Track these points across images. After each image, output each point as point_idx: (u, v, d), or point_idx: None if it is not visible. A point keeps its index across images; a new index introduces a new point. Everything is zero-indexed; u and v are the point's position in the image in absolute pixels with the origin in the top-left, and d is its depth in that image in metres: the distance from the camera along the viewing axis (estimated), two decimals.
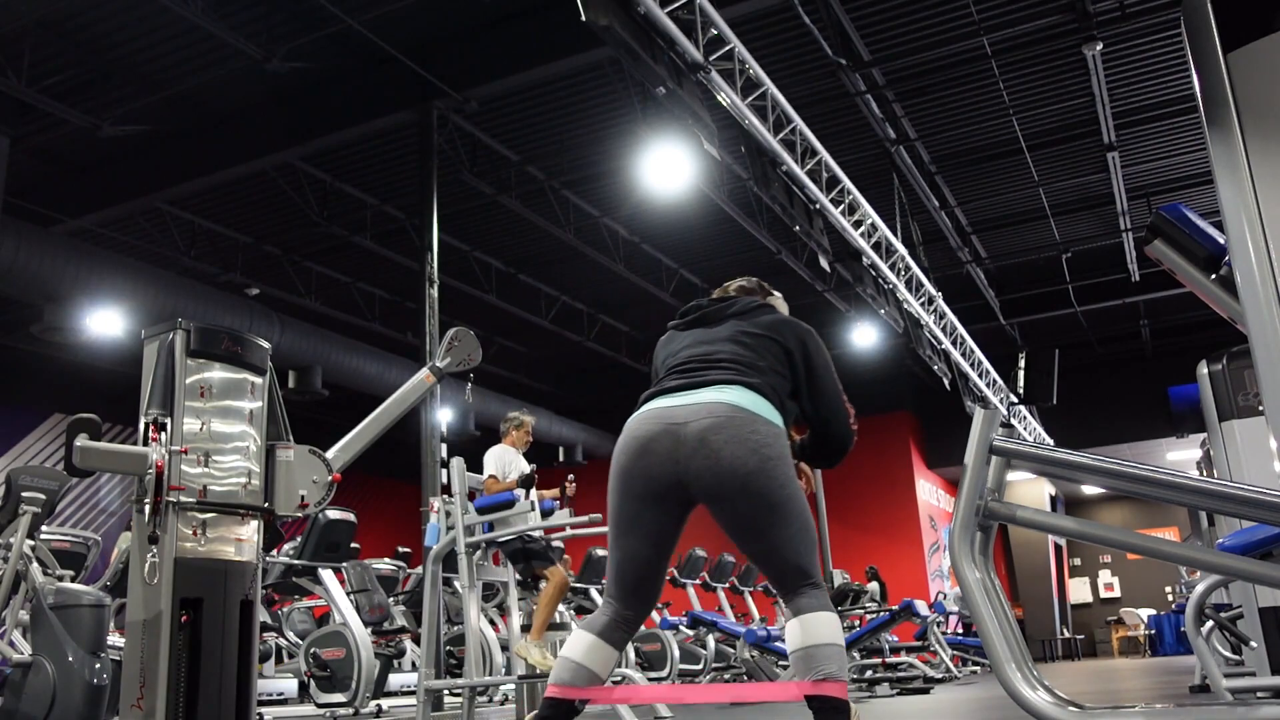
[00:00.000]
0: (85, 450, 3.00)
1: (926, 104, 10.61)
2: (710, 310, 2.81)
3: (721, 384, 2.54)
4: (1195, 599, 4.53)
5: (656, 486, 2.49)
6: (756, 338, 2.68)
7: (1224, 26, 1.65)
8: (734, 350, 2.64)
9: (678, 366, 2.67)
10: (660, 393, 2.62)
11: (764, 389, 2.55)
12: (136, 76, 9.29)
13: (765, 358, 2.63)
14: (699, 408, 2.48)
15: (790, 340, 2.69)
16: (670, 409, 2.53)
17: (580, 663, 2.50)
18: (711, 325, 2.77)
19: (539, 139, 10.90)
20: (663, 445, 2.47)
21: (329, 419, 13.05)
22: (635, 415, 2.61)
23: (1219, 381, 5.24)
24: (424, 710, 4.69)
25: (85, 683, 3.83)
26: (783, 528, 2.45)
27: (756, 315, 2.76)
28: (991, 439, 1.94)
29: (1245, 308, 1.62)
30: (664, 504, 2.51)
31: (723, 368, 2.58)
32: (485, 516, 4.88)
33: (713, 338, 2.70)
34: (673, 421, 2.49)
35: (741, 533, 2.50)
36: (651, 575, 2.58)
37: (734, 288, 2.98)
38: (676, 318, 2.89)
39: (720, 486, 2.43)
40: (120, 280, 10.01)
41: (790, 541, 2.46)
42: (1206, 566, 2.81)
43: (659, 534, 2.54)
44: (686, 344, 2.73)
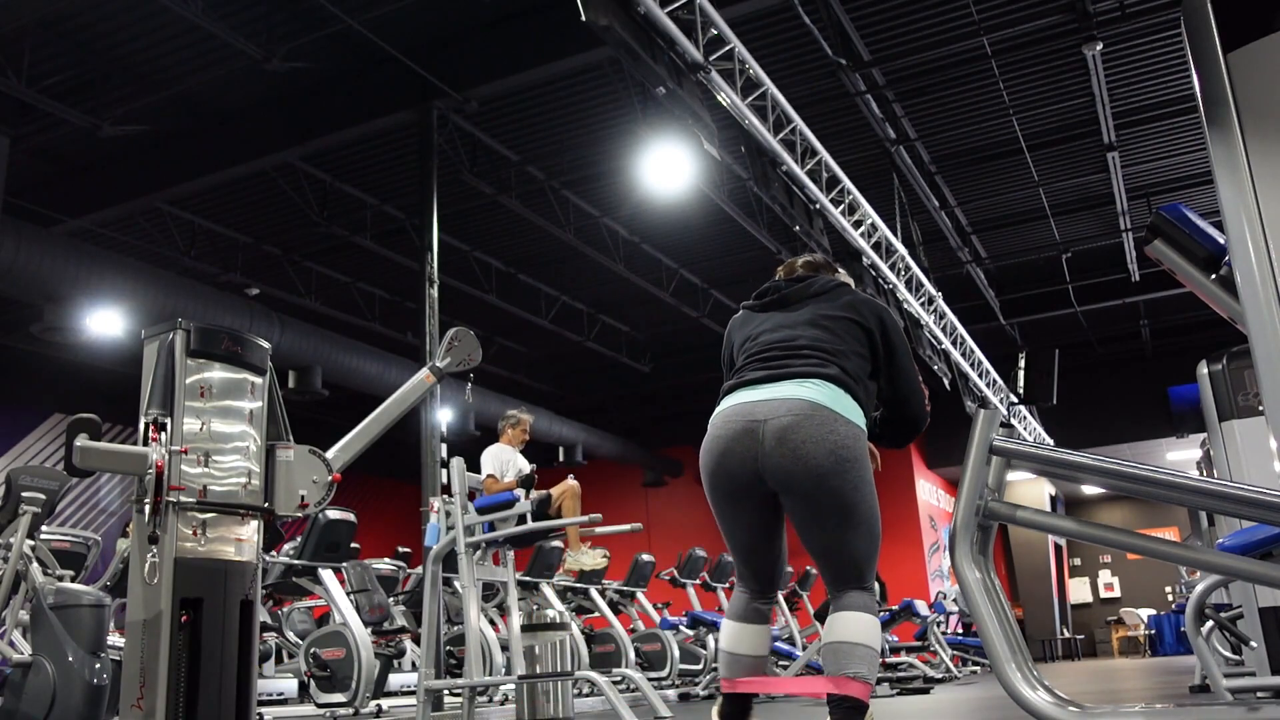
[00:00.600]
0: (85, 450, 2.99)
1: (926, 104, 10.61)
2: (789, 292, 2.78)
3: (803, 376, 2.53)
4: (1195, 599, 4.53)
5: (741, 484, 2.55)
6: (837, 320, 2.66)
7: (1224, 26, 1.65)
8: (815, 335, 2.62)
9: (758, 354, 2.65)
10: (741, 385, 2.62)
11: (846, 380, 2.55)
12: (136, 76, 9.29)
13: (846, 340, 2.62)
14: (779, 404, 2.50)
15: (870, 320, 2.68)
16: (751, 405, 2.55)
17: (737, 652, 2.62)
18: (790, 307, 2.75)
19: (539, 139, 10.89)
20: (743, 444, 2.51)
21: (329, 419, 13.04)
22: (719, 410, 2.64)
23: (1219, 381, 5.24)
24: (424, 710, 4.69)
25: (85, 683, 3.83)
26: (850, 529, 2.53)
27: (835, 296, 2.74)
28: (991, 439, 1.94)
29: (1245, 308, 1.62)
30: (752, 498, 2.57)
31: (804, 356, 2.57)
32: (485, 516, 4.88)
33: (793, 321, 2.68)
34: (753, 419, 2.52)
35: (809, 527, 2.55)
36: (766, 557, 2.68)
37: (801, 264, 2.93)
38: (752, 298, 2.86)
39: (794, 482, 2.47)
40: (120, 280, 10.01)
41: (854, 542, 2.54)
42: (1206, 566, 2.81)
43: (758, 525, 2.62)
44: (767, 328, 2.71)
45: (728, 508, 2.62)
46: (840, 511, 2.50)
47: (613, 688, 4.54)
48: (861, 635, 2.48)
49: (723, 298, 15.52)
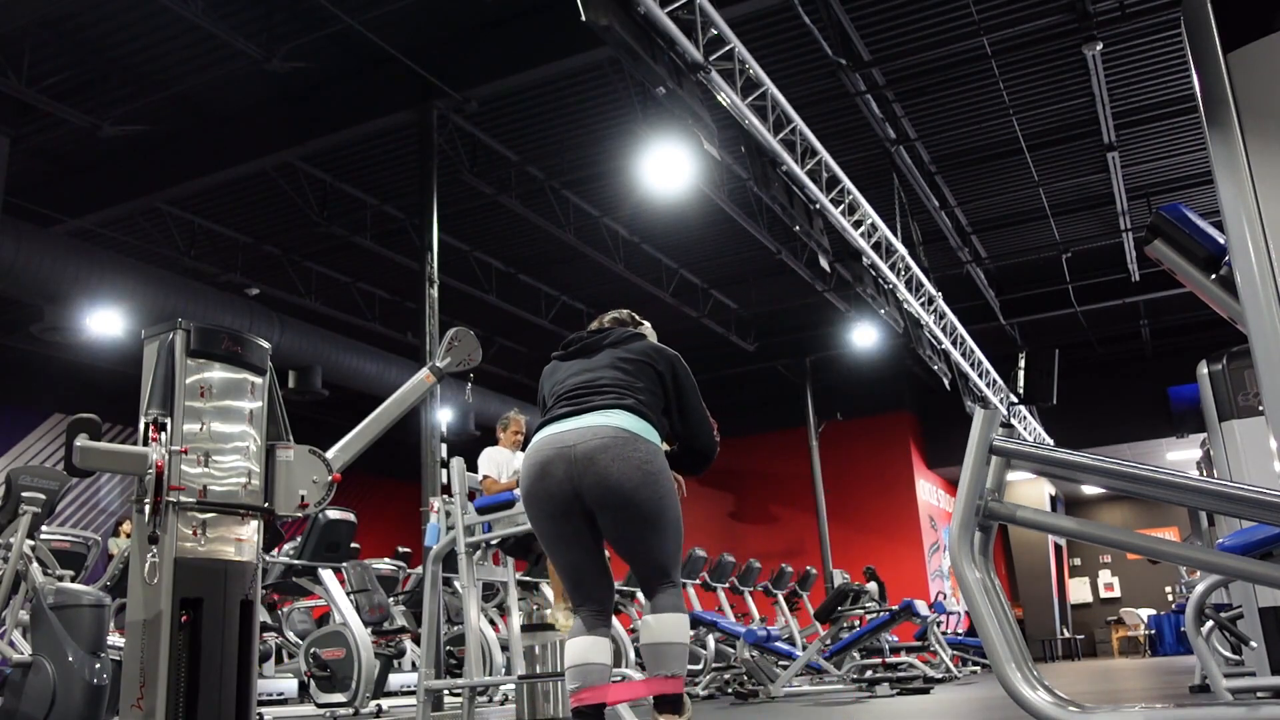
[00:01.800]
0: (85, 450, 3.00)
1: (926, 104, 10.61)
2: (590, 341, 3.18)
3: (605, 408, 2.87)
4: (1195, 599, 4.53)
5: (560, 504, 2.83)
6: (632, 362, 3.02)
7: (1224, 26, 1.65)
8: (613, 375, 2.98)
9: (565, 394, 2.99)
10: (551, 420, 2.94)
11: (642, 410, 2.89)
12: (136, 76, 9.29)
13: (641, 379, 2.98)
14: (586, 430, 2.82)
15: (661, 364, 3.05)
16: (561, 434, 2.86)
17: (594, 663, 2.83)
18: (591, 355, 3.12)
19: (539, 139, 10.89)
20: (558, 468, 2.81)
21: (329, 419, 13.04)
22: (533, 443, 2.94)
23: (1219, 381, 5.24)
24: (424, 710, 4.69)
25: (85, 683, 3.83)
26: (659, 534, 2.82)
27: (630, 343, 3.12)
28: (991, 439, 1.94)
29: (1245, 308, 1.62)
30: (570, 517, 2.84)
31: (605, 392, 2.92)
32: (485, 516, 4.88)
33: (594, 365, 3.05)
34: (564, 445, 2.82)
35: (622, 537, 2.85)
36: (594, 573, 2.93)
37: (609, 319, 3.35)
38: (559, 349, 3.24)
39: (607, 498, 2.77)
40: (120, 280, 10.01)
41: (664, 546, 2.83)
42: (1206, 566, 2.81)
43: (579, 541, 2.88)
44: (571, 373, 3.07)
45: (551, 527, 2.88)
46: (650, 519, 2.79)
47: None
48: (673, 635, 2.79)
49: (723, 298, 15.52)
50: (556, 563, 2.96)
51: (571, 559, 2.91)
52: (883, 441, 19.12)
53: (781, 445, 18.75)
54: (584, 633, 2.88)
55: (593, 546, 2.91)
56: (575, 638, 2.89)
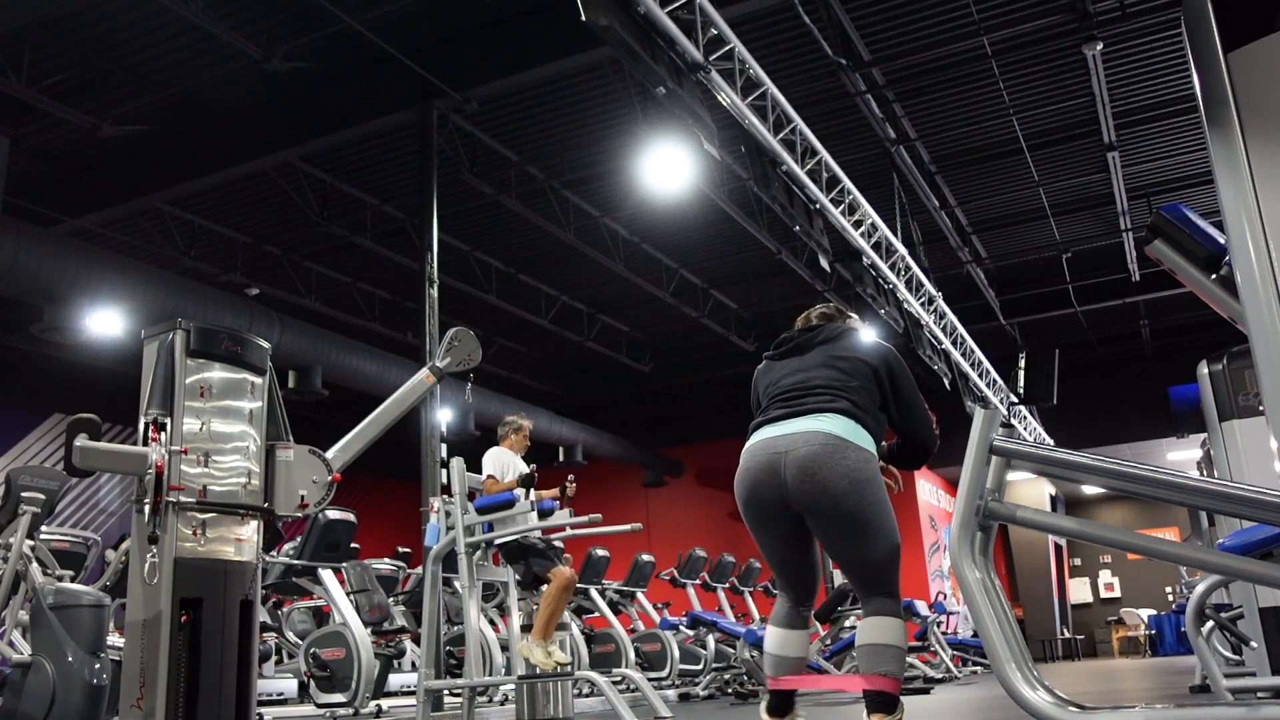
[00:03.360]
0: (85, 450, 2.99)
1: (926, 104, 10.61)
2: (801, 340, 3.18)
3: (818, 411, 2.91)
4: (1195, 599, 4.53)
5: (770, 509, 2.93)
6: (846, 360, 3.03)
7: (1224, 26, 1.65)
8: (828, 375, 3.00)
9: (779, 395, 3.03)
10: (766, 422, 3.00)
11: (856, 412, 2.92)
12: (136, 76, 9.29)
13: (856, 378, 2.99)
14: (798, 436, 2.87)
15: (876, 360, 3.06)
16: (774, 439, 2.92)
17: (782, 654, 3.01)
18: (804, 353, 3.13)
19: (539, 139, 10.89)
20: (769, 474, 2.89)
21: (329, 419, 13.04)
22: (748, 446, 3.01)
23: (1219, 381, 5.24)
24: (424, 710, 4.69)
25: (85, 683, 3.83)
26: (868, 541, 2.86)
27: (844, 339, 3.13)
28: (991, 439, 1.94)
29: (1245, 308, 1.62)
30: (780, 519, 2.95)
31: (818, 394, 2.95)
32: (485, 517, 4.88)
33: (807, 365, 3.07)
34: (776, 451, 2.89)
35: (834, 543, 2.92)
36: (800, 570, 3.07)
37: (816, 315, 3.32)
38: (771, 349, 3.25)
39: (816, 505, 2.83)
40: (120, 280, 10.01)
41: (875, 553, 2.87)
42: (1206, 566, 2.81)
43: (788, 541, 3.01)
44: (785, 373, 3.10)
45: (762, 529, 3.00)
46: (858, 527, 2.83)
47: (613, 688, 4.55)
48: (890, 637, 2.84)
49: (723, 298, 15.52)
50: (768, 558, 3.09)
51: (781, 557, 3.05)
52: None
53: None
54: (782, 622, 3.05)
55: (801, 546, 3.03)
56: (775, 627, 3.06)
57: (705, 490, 20.76)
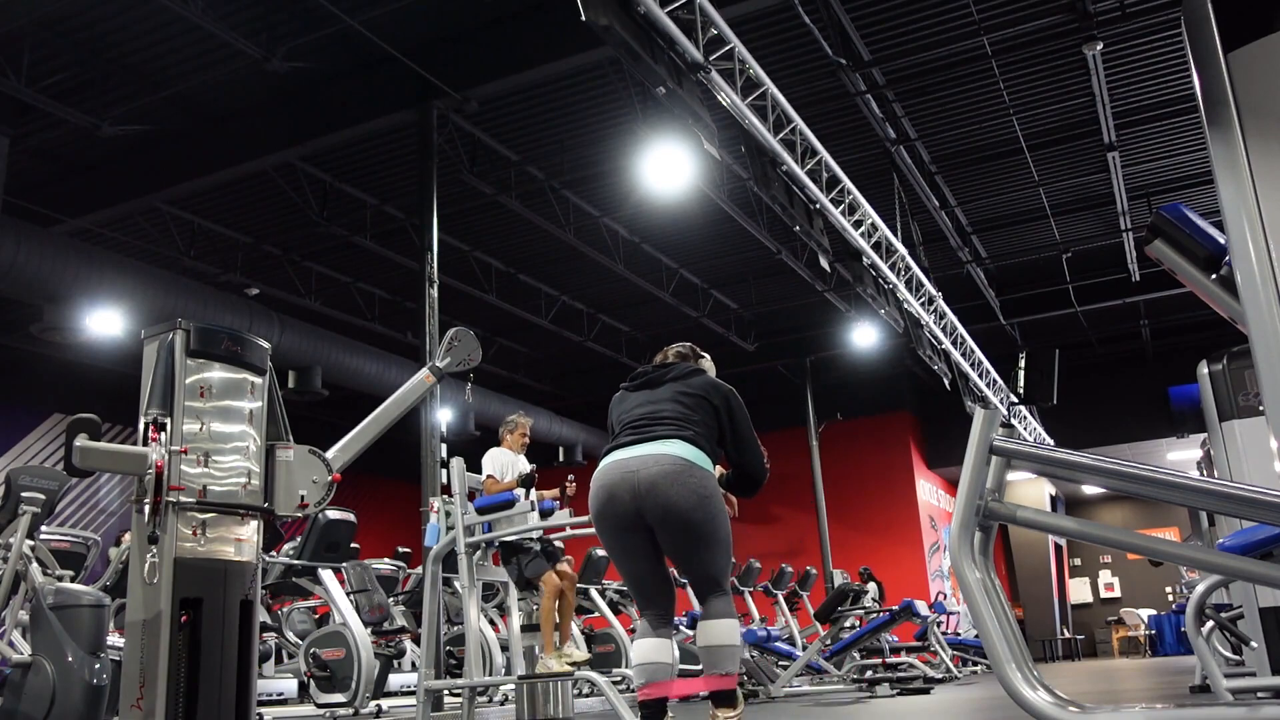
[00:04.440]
0: (85, 450, 2.99)
1: (926, 104, 10.61)
2: (654, 375, 3.52)
3: (665, 438, 3.24)
4: (1195, 599, 4.53)
5: (624, 521, 3.22)
6: (691, 396, 3.37)
7: (1224, 26, 1.65)
8: (674, 408, 3.33)
9: (630, 423, 3.36)
10: (617, 446, 3.31)
11: (698, 440, 3.25)
12: (136, 76, 9.29)
13: (698, 413, 3.34)
14: (648, 458, 3.19)
15: (717, 399, 3.39)
16: (626, 460, 3.23)
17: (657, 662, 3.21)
18: (655, 388, 3.46)
19: (539, 139, 10.89)
20: (623, 490, 3.19)
21: (329, 419, 13.05)
22: (601, 466, 3.30)
23: (1219, 381, 5.24)
24: (424, 710, 4.69)
25: (85, 683, 3.83)
26: (711, 549, 3.21)
27: (690, 378, 3.46)
28: (991, 439, 1.94)
29: (1245, 308, 1.62)
30: (634, 531, 3.24)
31: (665, 423, 3.28)
32: (485, 517, 4.88)
33: (656, 398, 3.40)
34: (628, 470, 3.20)
35: (679, 552, 3.26)
36: (655, 581, 3.33)
37: (673, 353, 3.68)
38: (626, 381, 3.57)
39: (667, 518, 3.15)
40: (120, 280, 10.01)
41: (716, 559, 3.23)
42: (1206, 566, 2.81)
43: (641, 553, 3.28)
44: (636, 404, 3.43)
45: (616, 540, 3.28)
46: (704, 537, 3.18)
47: (613, 688, 4.55)
48: (726, 638, 3.20)
49: (723, 298, 15.52)
50: (622, 572, 3.37)
51: (636, 569, 3.32)
52: (883, 441, 19.11)
53: (781, 445, 18.64)
54: (650, 634, 3.27)
55: (654, 558, 3.30)
56: (642, 639, 3.27)
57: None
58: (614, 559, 3.37)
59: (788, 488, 18.90)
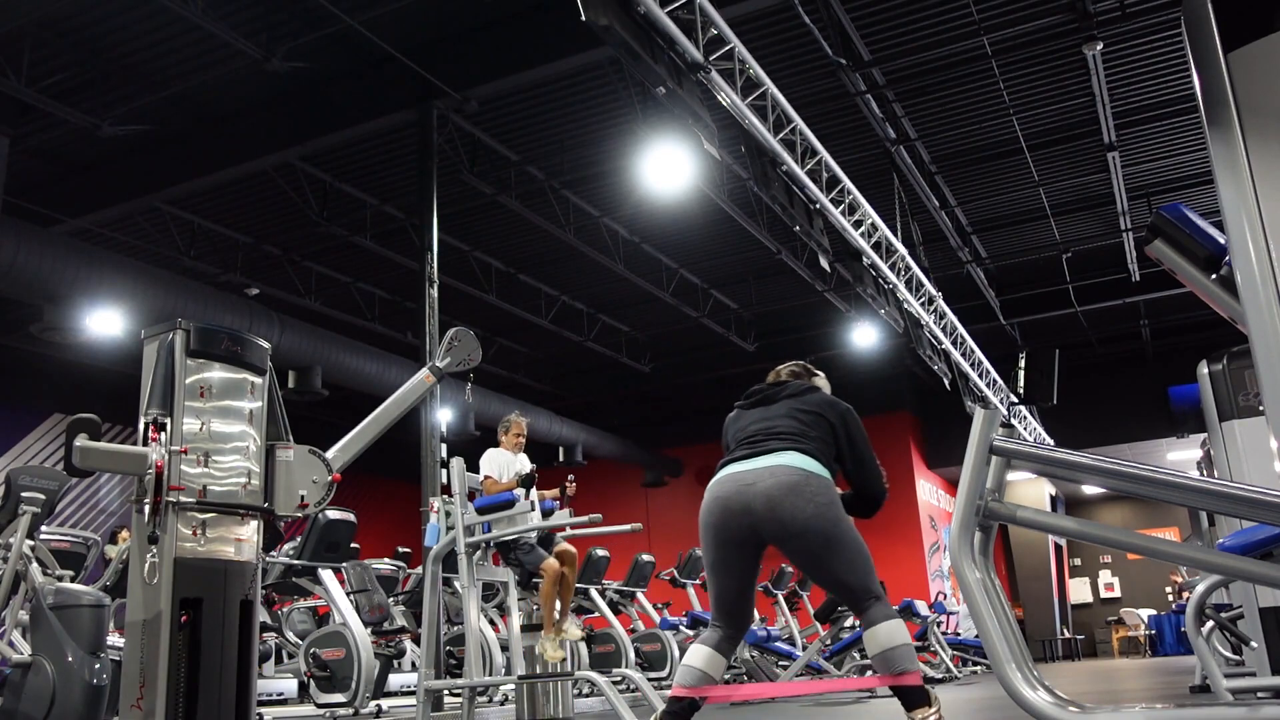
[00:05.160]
0: (85, 450, 2.99)
1: (926, 104, 10.61)
2: (769, 393, 3.43)
3: (779, 450, 3.15)
4: (1195, 599, 4.53)
5: (736, 536, 3.10)
6: (808, 414, 3.28)
7: (1224, 26, 1.65)
8: (789, 423, 3.25)
9: (745, 439, 3.28)
10: (732, 460, 3.23)
11: (814, 451, 3.16)
12: (136, 76, 9.28)
13: (815, 429, 3.24)
14: (763, 470, 3.09)
15: (835, 417, 3.30)
16: (741, 473, 3.14)
17: (698, 668, 3.12)
18: (770, 405, 3.38)
19: (539, 139, 10.89)
20: (737, 503, 3.08)
21: (329, 419, 13.04)
22: (715, 480, 3.22)
23: (1219, 381, 5.24)
24: (424, 710, 4.69)
25: (85, 683, 3.82)
26: (841, 556, 3.05)
27: (806, 395, 3.38)
28: (991, 439, 1.94)
29: (1245, 308, 1.62)
30: (743, 549, 3.14)
31: (780, 437, 3.20)
32: (485, 517, 4.88)
33: (772, 415, 3.31)
34: (744, 483, 3.10)
35: (810, 565, 3.13)
36: (742, 601, 3.23)
37: (785, 372, 3.61)
38: (742, 399, 3.50)
39: (785, 531, 3.03)
40: (120, 280, 10.00)
41: (852, 566, 3.07)
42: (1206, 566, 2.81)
43: (742, 572, 3.19)
44: (752, 420, 3.34)
45: (721, 555, 3.16)
46: (829, 545, 3.03)
47: (613, 688, 4.55)
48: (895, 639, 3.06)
49: (723, 298, 15.52)
50: (713, 584, 3.24)
51: (726, 584, 3.19)
52: (883, 441, 19.00)
53: None
54: (710, 644, 3.16)
55: (748, 578, 3.22)
56: (701, 645, 3.16)
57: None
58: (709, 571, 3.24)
59: None
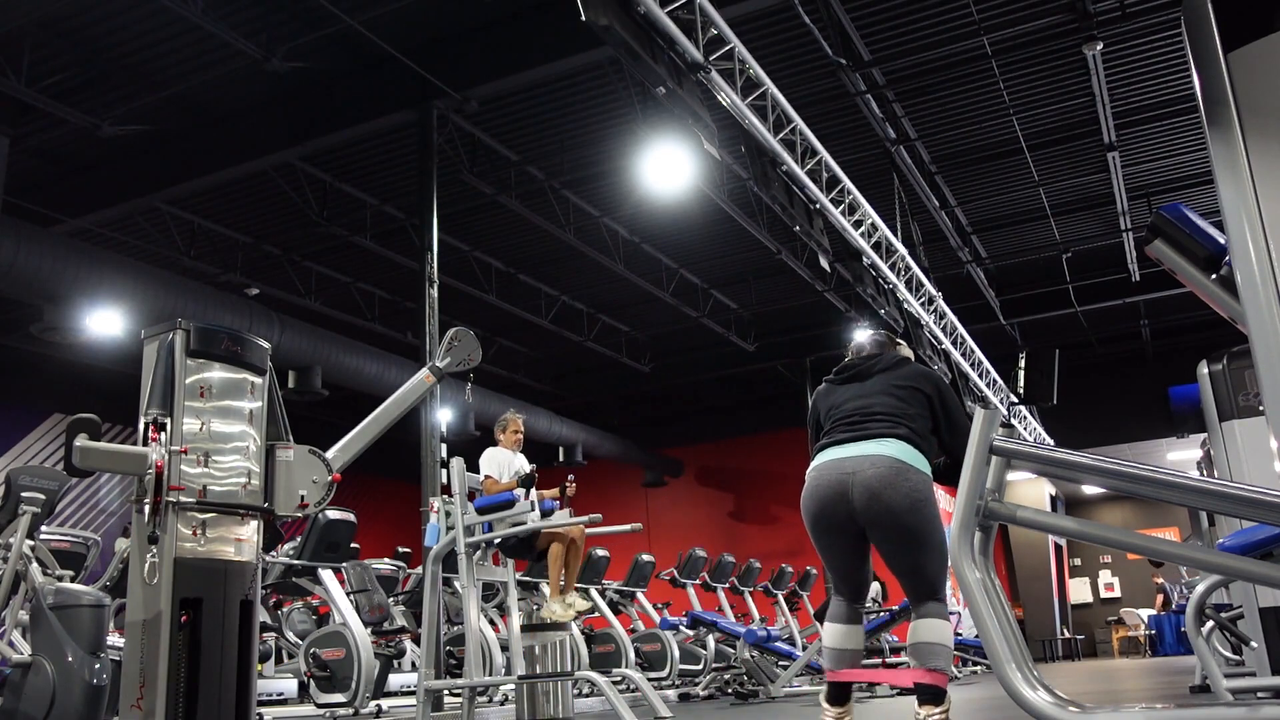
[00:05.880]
0: (85, 450, 2.99)
1: (926, 104, 10.61)
2: (863, 367, 3.51)
3: (879, 436, 3.25)
4: (1195, 599, 4.53)
5: (837, 521, 3.26)
6: (903, 389, 3.38)
7: (1224, 26, 1.65)
8: (886, 402, 3.33)
9: (843, 419, 3.37)
10: (832, 444, 3.33)
11: (914, 438, 3.26)
12: (136, 76, 9.28)
13: (912, 405, 3.34)
14: (863, 459, 3.21)
15: (929, 388, 3.41)
16: (842, 460, 3.26)
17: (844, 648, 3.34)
18: (865, 380, 3.46)
19: (539, 139, 10.89)
20: (838, 492, 3.22)
21: (329, 419, 13.04)
22: (815, 465, 3.35)
23: (1219, 381, 5.24)
24: (424, 710, 4.69)
25: (85, 683, 3.82)
26: (925, 554, 3.23)
27: (899, 368, 3.47)
28: (991, 439, 1.94)
29: (1245, 308, 1.62)
30: (845, 531, 3.29)
31: (878, 420, 3.29)
32: (485, 516, 4.88)
33: (868, 391, 3.40)
34: (844, 471, 3.23)
35: (894, 554, 3.27)
36: (856, 574, 3.41)
37: (871, 343, 3.65)
38: (832, 374, 3.59)
39: (880, 520, 3.18)
40: (120, 280, 10.00)
41: (929, 564, 3.25)
42: (1206, 566, 2.81)
43: (849, 549, 3.35)
44: (847, 397, 3.43)
45: (826, 539, 3.33)
46: (917, 541, 3.19)
47: (613, 688, 4.55)
48: (939, 637, 3.20)
49: (723, 298, 15.52)
50: (827, 564, 3.44)
51: (841, 563, 3.39)
52: None
53: (781, 445, 18.73)
54: (842, 619, 3.37)
55: (859, 554, 3.38)
56: (834, 623, 3.38)
57: (705, 490, 20.75)
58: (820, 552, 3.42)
59: (788, 488, 18.89)
